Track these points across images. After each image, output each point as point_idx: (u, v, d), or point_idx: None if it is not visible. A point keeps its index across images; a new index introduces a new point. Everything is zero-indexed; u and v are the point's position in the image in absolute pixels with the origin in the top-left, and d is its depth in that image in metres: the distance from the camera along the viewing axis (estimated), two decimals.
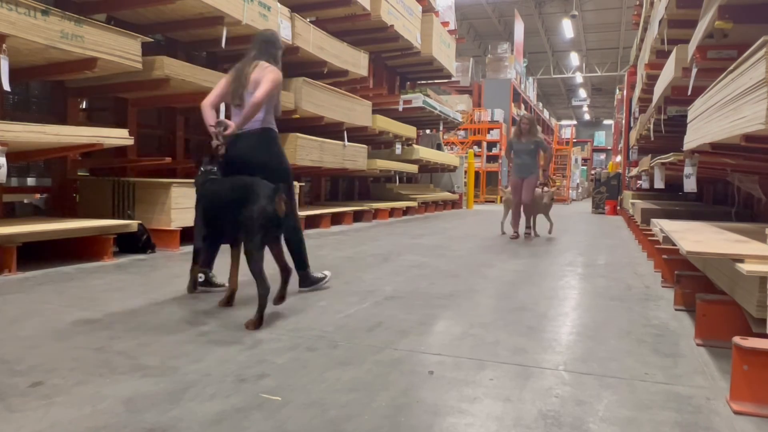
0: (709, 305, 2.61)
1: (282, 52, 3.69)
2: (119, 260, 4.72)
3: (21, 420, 1.68)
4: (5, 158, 3.85)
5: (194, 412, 1.75)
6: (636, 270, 4.84)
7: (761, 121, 2.02)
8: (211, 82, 5.83)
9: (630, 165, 12.77)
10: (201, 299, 3.33)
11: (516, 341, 2.61)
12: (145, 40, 5.05)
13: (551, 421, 1.75)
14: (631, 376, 2.17)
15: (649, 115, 6.85)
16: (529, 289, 3.93)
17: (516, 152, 7.35)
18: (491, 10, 23.31)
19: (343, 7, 8.22)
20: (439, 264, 4.94)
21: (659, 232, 3.78)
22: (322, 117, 7.85)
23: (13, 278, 3.86)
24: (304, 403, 1.85)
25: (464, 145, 19.44)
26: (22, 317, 2.85)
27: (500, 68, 20.76)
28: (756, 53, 2.11)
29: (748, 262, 2.16)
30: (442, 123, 13.46)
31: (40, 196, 6.17)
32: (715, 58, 3.69)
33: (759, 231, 3.15)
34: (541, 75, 30.30)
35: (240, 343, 2.47)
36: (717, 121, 2.74)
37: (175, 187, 5.43)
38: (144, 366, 2.16)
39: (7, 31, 3.91)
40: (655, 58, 5.59)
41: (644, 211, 6.41)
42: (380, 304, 3.30)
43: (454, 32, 13.24)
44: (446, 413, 1.80)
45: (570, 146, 26.24)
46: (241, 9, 5.93)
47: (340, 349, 2.44)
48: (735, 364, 1.89)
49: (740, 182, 4.99)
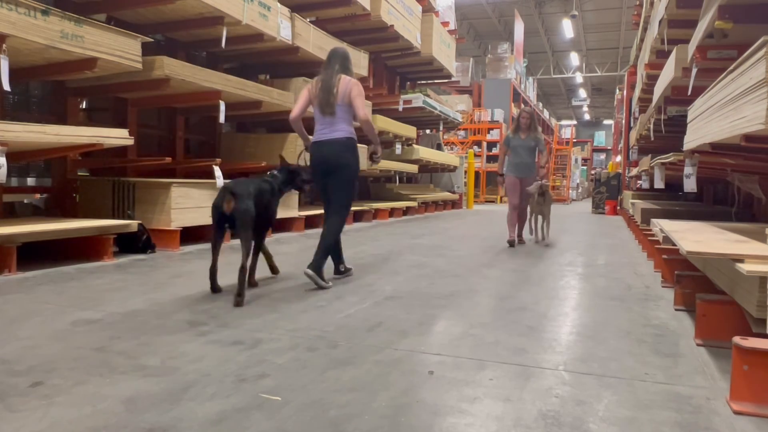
0: (709, 305, 2.61)
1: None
2: (119, 260, 4.72)
3: (21, 420, 1.68)
4: (5, 158, 3.85)
5: (194, 412, 1.76)
6: (636, 270, 4.84)
7: (761, 121, 2.02)
8: (211, 82, 5.84)
9: (630, 165, 12.77)
10: (201, 299, 3.33)
11: (516, 341, 2.61)
12: (145, 40, 5.05)
13: (551, 421, 1.75)
14: (631, 376, 2.17)
15: (649, 115, 6.85)
16: (529, 289, 3.93)
17: (514, 149, 6.57)
18: (491, 10, 23.31)
19: (343, 7, 8.21)
20: (439, 264, 4.94)
21: (659, 232, 3.78)
22: None
23: (13, 278, 3.86)
24: (304, 403, 1.85)
25: (464, 145, 19.44)
26: (22, 317, 2.85)
27: (500, 68, 20.76)
28: (756, 53, 2.11)
29: (748, 262, 2.16)
30: (442, 123, 13.45)
31: (40, 196, 6.17)
32: (715, 58, 3.68)
33: (759, 231, 3.15)
34: (541, 75, 30.31)
35: (240, 343, 2.47)
36: (717, 121, 2.74)
37: (175, 187, 5.43)
38: (144, 366, 2.16)
39: (7, 31, 3.91)
40: (655, 58, 5.58)
41: (644, 211, 6.41)
42: (380, 304, 3.31)
43: (454, 32, 13.24)
44: (446, 413, 1.80)
45: (570, 146, 26.22)
46: (241, 9, 5.93)
47: (340, 349, 2.44)
48: (735, 364, 1.89)
49: (740, 182, 4.99)
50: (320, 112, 3.96)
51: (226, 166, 6.38)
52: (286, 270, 4.39)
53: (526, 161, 6.52)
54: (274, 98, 6.83)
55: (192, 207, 5.64)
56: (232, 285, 3.46)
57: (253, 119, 8.14)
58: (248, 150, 7.49)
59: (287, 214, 7.20)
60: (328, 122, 3.94)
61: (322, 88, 3.94)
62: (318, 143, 3.98)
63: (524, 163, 6.51)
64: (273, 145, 7.31)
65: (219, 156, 7.17)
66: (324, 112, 3.93)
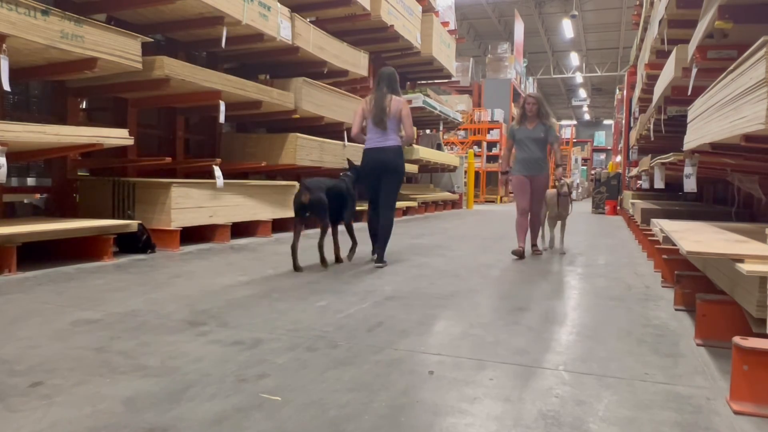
0: (709, 305, 2.61)
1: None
2: (119, 260, 4.72)
3: (21, 420, 1.68)
4: (5, 158, 3.85)
5: (194, 412, 1.75)
6: (636, 270, 4.84)
7: (761, 121, 2.02)
8: (211, 82, 5.84)
9: (630, 165, 12.77)
10: (201, 299, 3.33)
11: (516, 341, 2.61)
12: (145, 40, 5.05)
13: (551, 421, 1.75)
14: (631, 376, 2.17)
15: (649, 115, 6.85)
16: (529, 289, 3.93)
17: (519, 142, 5.58)
18: (491, 10, 23.31)
19: (343, 7, 8.22)
20: (439, 264, 4.94)
21: (659, 232, 3.78)
22: (322, 117, 7.85)
23: (13, 278, 3.86)
24: (304, 403, 1.85)
25: (464, 145, 19.45)
26: (22, 317, 2.85)
27: (500, 68, 20.77)
28: (756, 53, 2.11)
29: (748, 262, 2.16)
30: (442, 123, 13.46)
31: (40, 196, 6.17)
32: (715, 58, 3.68)
33: (759, 231, 3.15)
34: (541, 75, 30.30)
35: (240, 343, 2.47)
36: (717, 121, 2.74)
37: (175, 187, 5.43)
38: (144, 366, 2.16)
39: (7, 31, 3.91)
40: (655, 58, 5.58)
41: (644, 211, 6.41)
42: (380, 304, 3.30)
43: (454, 32, 13.24)
44: (446, 413, 1.80)
45: (570, 146, 26.24)
46: (241, 9, 5.93)
47: (340, 349, 2.44)
48: (735, 364, 1.89)
49: (740, 182, 4.99)
50: (373, 124, 4.82)
51: (226, 166, 6.38)
52: (286, 270, 4.39)
53: (536, 156, 5.50)
54: (274, 98, 6.83)
55: (192, 207, 5.64)
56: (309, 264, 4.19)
57: (253, 119, 8.14)
58: (248, 150, 7.49)
59: (287, 214, 7.20)
60: (380, 132, 4.80)
61: (375, 105, 4.81)
62: (373, 149, 4.83)
63: (533, 158, 5.49)
64: (273, 145, 7.31)
65: (219, 156, 7.17)
66: (377, 125, 4.80)
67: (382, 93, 4.82)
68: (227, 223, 6.11)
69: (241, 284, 3.83)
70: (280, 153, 7.23)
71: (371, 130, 4.84)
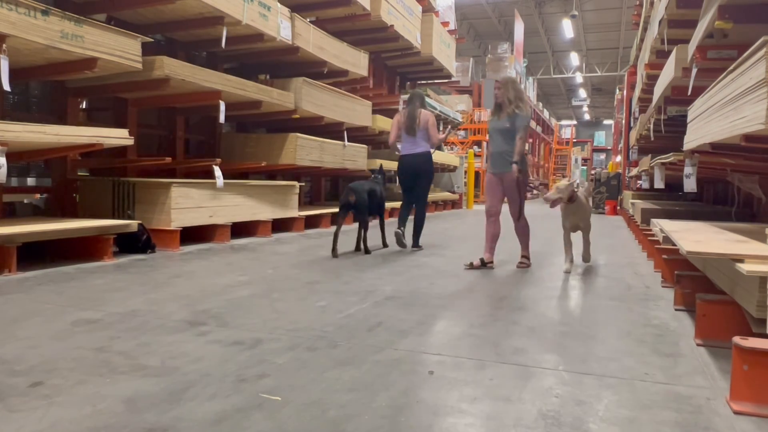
0: (709, 305, 2.61)
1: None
2: (119, 260, 4.72)
3: (21, 420, 1.68)
4: (5, 158, 3.85)
5: (194, 412, 1.76)
6: (636, 270, 4.84)
7: (761, 121, 2.02)
8: (211, 82, 5.84)
9: (630, 165, 12.77)
10: (201, 299, 3.33)
11: (516, 341, 2.61)
12: (145, 40, 5.05)
13: (551, 421, 1.75)
14: (631, 376, 2.17)
15: (649, 115, 6.85)
16: (529, 289, 3.93)
17: (489, 136, 5.01)
18: (491, 10, 23.32)
19: (343, 7, 8.22)
20: (439, 264, 4.94)
21: (659, 232, 3.78)
22: (322, 117, 7.85)
23: (13, 278, 3.86)
24: (304, 403, 1.85)
25: (464, 145, 19.44)
26: (22, 317, 2.85)
27: (500, 68, 20.75)
28: (756, 53, 2.11)
29: (748, 262, 2.16)
30: (442, 123, 13.45)
31: (40, 196, 6.17)
32: (715, 58, 3.68)
33: (759, 231, 3.15)
34: (541, 75, 30.30)
35: (240, 343, 2.47)
36: (717, 121, 2.74)
37: (175, 187, 5.43)
38: (144, 366, 2.16)
39: (7, 31, 3.91)
40: (655, 58, 5.59)
41: (644, 211, 6.41)
42: (380, 304, 3.31)
43: (454, 32, 13.23)
44: (446, 413, 1.80)
45: (570, 146, 26.24)
46: (241, 9, 5.93)
47: (340, 349, 2.44)
48: (735, 364, 1.89)
49: (740, 182, 4.99)
50: (406, 133, 5.86)
51: (226, 166, 6.38)
52: (285, 270, 4.40)
53: (500, 149, 4.77)
54: (274, 98, 6.83)
55: (192, 207, 5.64)
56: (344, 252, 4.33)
57: (253, 119, 8.14)
58: (248, 150, 7.49)
59: (287, 214, 7.21)
60: (412, 141, 5.84)
61: (408, 117, 5.85)
62: (408, 156, 5.88)
63: (498, 152, 4.80)
64: (273, 145, 7.31)
65: (219, 156, 7.17)
66: (409, 134, 5.84)
67: (414, 107, 5.88)
68: (227, 223, 6.12)
69: (241, 284, 3.83)
70: (280, 153, 7.23)
71: (404, 138, 5.87)
